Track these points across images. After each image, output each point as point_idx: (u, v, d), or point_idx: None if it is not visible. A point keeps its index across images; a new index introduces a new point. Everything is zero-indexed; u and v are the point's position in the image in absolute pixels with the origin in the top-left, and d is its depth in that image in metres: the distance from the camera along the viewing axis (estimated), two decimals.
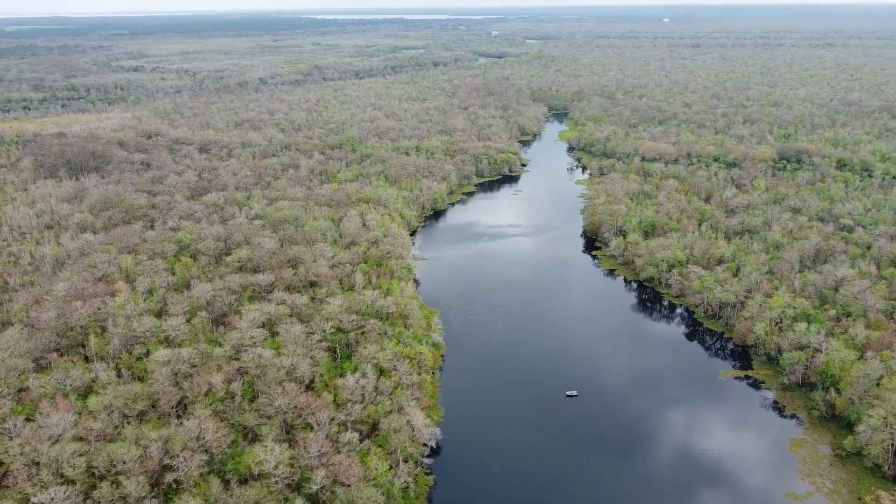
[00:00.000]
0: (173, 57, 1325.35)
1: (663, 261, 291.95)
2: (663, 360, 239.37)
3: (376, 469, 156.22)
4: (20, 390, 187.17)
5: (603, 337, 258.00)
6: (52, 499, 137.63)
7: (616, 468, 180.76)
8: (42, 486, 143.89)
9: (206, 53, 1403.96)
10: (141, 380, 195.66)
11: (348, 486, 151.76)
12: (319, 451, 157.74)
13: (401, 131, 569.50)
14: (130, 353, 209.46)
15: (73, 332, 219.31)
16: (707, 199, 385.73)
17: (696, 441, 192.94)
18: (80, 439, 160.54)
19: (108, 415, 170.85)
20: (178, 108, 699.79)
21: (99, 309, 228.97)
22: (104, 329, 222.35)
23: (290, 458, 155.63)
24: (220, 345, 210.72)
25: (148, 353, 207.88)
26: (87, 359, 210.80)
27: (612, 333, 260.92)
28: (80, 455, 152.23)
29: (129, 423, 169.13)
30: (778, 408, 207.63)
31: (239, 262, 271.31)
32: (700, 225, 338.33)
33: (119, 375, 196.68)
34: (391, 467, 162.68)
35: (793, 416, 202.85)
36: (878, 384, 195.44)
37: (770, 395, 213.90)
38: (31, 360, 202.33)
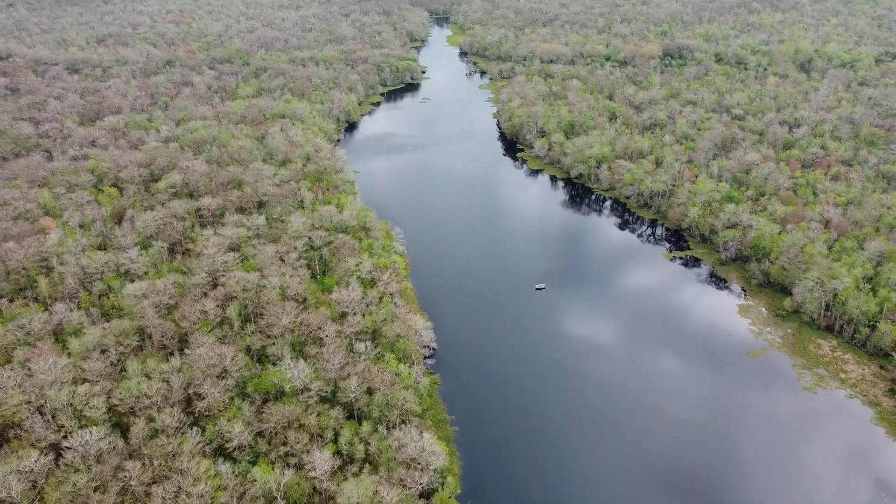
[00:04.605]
0: None
1: (591, 157, 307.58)
2: (609, 248, 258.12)
3: (401, 373, 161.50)
4: None
5: (550, 233, 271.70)
6: (86, 442, 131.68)
7: (593, 344, 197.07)
8: (67, 432, 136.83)
9: None
10: (108, 316, 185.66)
11: (371, 392, 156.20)
12: (340, 362, 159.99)
13: (286, 41, 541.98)
14: (90, 292, 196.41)
15: (14, 276, 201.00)
16: (610, 97, 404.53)
17: (659, 313, 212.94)
18: (84, 381, 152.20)
19: (102, 353, 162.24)
20: (19, 23, 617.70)
21: (36, 249, 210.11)
22: (49, 269, 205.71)
23: (314, 372, 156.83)
24: (185, 273, 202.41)
25: (110, 290, 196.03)
26: (37, 301, 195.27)
27: (557, 229, 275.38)
28: (95, 396, 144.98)
29: (128, 359, 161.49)
30: (719, 280, 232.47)
31: (172, 187, 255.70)
32: (610, 121, 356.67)
33: (88, 315, 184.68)
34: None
35: (730, 287, 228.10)
36: (801, 251, 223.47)
37: (710, 269, 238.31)
38: None
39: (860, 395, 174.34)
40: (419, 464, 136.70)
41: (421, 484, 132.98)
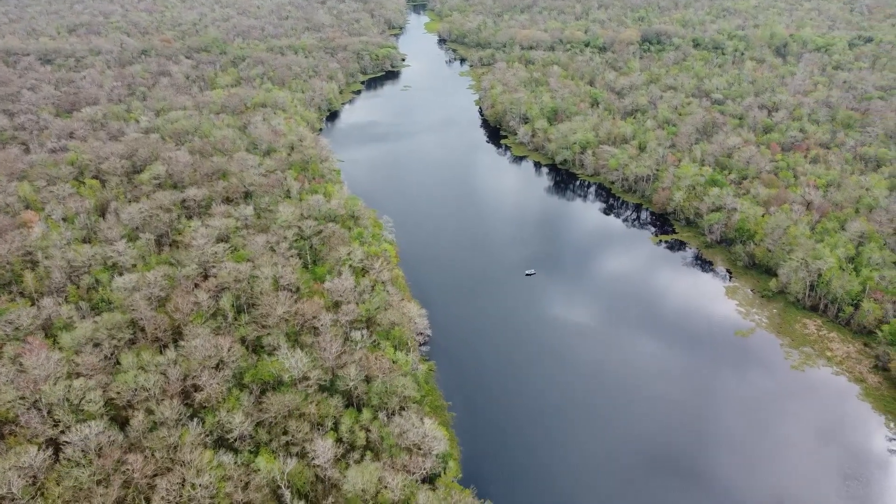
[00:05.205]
0: None
1: (575, 143, 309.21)
2: (596, 232, 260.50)
3: (399, 360, 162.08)
4: None
5: (537, 219, 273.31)
6: (85, 436, 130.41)
7: (583, 327, 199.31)
8: (65, 427, 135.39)
9: None
10: (98, 310, 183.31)
11: (368, 379, 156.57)
12: (337, 351, 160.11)
13: (263, 30, 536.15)
14: (78, 286, 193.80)
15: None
16: (591, 83, 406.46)
17: (647, 296, 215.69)
18: (79, 375, 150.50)
19: (95, 347, 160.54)
20: None
21: (20, 243, 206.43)
22: (35, 264, 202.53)
23: (312, 361, 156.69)
24: (175, 265, 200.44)
25: (98, 283, 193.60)
26: (23, 296, 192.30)
27: (543, 214, 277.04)
28: (90, 390, 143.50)
29: (122, 352, 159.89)
30: (705, 262, 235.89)
31: (156, 178, 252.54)
32: (592, 107, 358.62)
33: (77, 309, 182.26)
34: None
35: (716, 269, 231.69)
36: (785, 232, 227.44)
37: (697, 252, 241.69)
38: None
39: (846, 372, 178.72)
40: (421, 449, 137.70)
41: (424, 469, 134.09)
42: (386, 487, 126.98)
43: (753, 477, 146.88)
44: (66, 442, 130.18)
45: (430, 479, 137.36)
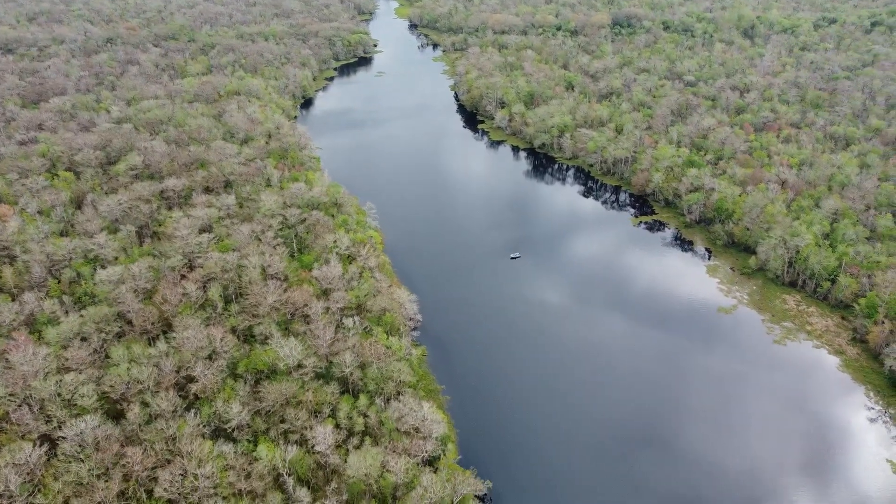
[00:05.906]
0: None
1: (553, 127, 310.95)
2: (578, 214, 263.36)
3: (392, 345, 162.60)
4: None
5: (517, 203, 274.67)
6: (81, 431, 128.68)
7: (569, 308, 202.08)
8: (59, 422, 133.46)
9: None
10: (82, 303, 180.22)
11: (363, 366, 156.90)
12: (331, 338, 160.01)
13: (231, 16, 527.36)
14: (59, 280, 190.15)
15: None
16: (565, 66, 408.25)
17: (630, 276, 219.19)
18: (69, 370, 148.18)
19: (83, 341, 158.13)
20: None
21: None
22: (13, 258, 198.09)
23: (306, 349, 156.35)
24: (158, 256, 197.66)
25: (79, 276, 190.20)
26: (2, 291, 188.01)
27: (524, 198, 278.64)
28: (83, 384, 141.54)
29: (111, 346, 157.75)
30: (685, 242, 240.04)
31: (132, 169, 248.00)
32: (567, 90, 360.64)
33: (61, 303, 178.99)
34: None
35: (696, 248, 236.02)
36: (762, 211, 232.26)
37: (676, 232, 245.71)
38: None
39: (826, 344, 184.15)
40: (420, 432, 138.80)
41: (426, 452, 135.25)
42: (388, 471, 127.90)
43: (739, 447, 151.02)
44: (62, 437, 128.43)
45: (430, 462, 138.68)
